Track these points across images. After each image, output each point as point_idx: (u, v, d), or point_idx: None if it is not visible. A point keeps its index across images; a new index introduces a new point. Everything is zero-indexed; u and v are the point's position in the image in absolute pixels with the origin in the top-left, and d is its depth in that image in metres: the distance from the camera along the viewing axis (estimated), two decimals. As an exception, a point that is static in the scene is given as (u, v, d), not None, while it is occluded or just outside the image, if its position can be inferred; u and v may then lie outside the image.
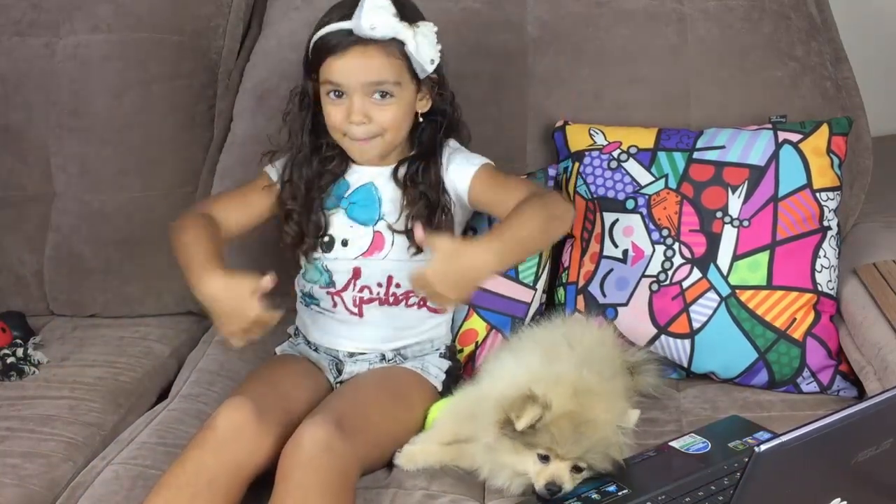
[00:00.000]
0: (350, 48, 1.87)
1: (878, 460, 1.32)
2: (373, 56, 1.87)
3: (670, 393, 2.05)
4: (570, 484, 1.67)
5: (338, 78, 1.88)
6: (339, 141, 1.95)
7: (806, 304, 2.05)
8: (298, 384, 1.92)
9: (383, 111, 1.90)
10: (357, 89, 1.88)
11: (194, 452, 1.72)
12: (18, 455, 1.94)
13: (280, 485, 1.67)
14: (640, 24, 2.28)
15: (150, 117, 2.39)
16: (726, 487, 1.66)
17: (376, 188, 1.99)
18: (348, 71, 1.88)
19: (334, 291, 1.99)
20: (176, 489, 1.69)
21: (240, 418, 1.74)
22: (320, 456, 1.67)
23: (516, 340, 1.98)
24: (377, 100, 1.89)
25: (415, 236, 1.86)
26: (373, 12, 1.85)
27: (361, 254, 1.98)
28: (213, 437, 1.73)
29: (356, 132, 1.91)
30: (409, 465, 1.82)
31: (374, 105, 1.89)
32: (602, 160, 2.16)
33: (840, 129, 2.13)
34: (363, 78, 1.88)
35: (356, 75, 1.88)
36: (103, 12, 2.43)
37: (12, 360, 2.22)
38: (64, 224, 2.41)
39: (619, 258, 2.11)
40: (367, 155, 1.95)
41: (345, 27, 1.87)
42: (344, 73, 1.88)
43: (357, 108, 1.88)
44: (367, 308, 1.99)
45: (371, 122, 1.90)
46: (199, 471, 1.69)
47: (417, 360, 2.00)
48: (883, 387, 1.88)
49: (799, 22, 2.28)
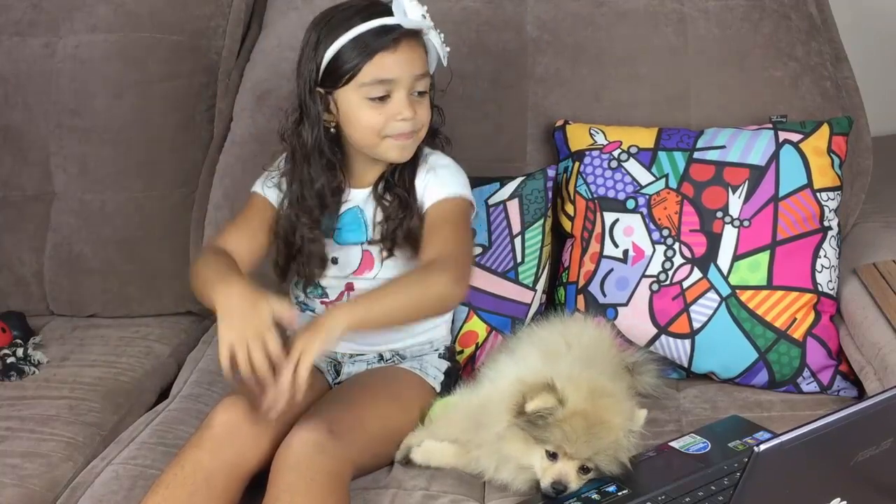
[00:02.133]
0: (402, 41, 1.85)
1: (878, 460, 1.32)
2: (417, 48, 1.88)
3: (670, 393, 2.05)
4: (575, 483, 1.67)
5: (390, 73, 1.85)
6: (372, 147, 1.91)
7: (806, 305, 2.05)
8: None
9: (422, 105, 1.90)
10: (406, 84, 1.86)
11: (191, 451, 1.72)
12: (18, 455, 1.95)
13: (272, 487, 1.67)
14: (640, 24, 2.28)
15: (150, 117, 2.39)
16: (726, 487, 1.66)
17: (361, 210, 1.97)
18: (402, 64, 1.85)
19: (328, 302, 1.99)
20: (174, 488, 1.69)
21: (235, 417, 1.74)
22: (311, 458, 1.67)
23: (515, 341, 1.98)
24: (415, 97, 1.89)
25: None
26: (415, 5, 1.86)
27: (352, 272, 1.97)
28: (210, 436, 1.73)
29: (403, 128, 1.88)
30: (424, 461, 1.81)
31: (414, 101, 1.88)
32: (602, 160, 2.16)
33: (841, 128, 2.13)
34: (415, 70, 1.87)
35: (409, 68, 1.86)
36: (103, 12, 2.43)
37: (12, 360, 2.22)
38: (64, 224, 2.41)
39: (619, 258, 2.11)
40: (407, 152, 1.93)
41: (390, 22, 1.85)
42: (397, 67, 1.85)
43: (406, 103, 1.86)
44: None
45: (416, 116, 1.88)
46: (196, 469, 1.70)
47: (416, 361, 1.99)
48: (883, 387, 1.88)
49: (799, 22, 2.28)
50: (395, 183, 1.94)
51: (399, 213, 1.93)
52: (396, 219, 1.93)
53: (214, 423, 1.74)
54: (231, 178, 2.29)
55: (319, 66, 1.88)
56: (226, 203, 2.29)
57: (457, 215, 1.94)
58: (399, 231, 1.93)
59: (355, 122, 1.89)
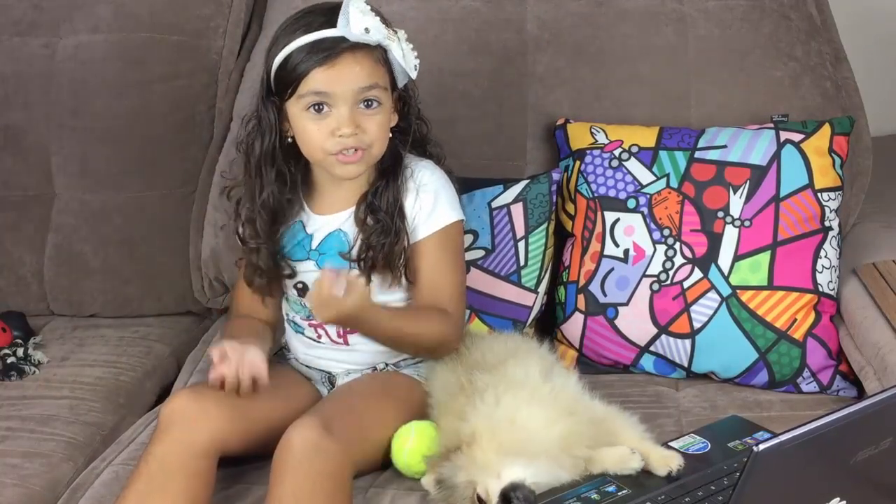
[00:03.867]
0: (342, 55, 1.80)
1: (878, 460, 1.32)
2: (363, 61, 1.82)
3: (669, 393, 2.05)
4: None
5: (326, 87, 1.81)
6: (319, 162, 1.87)
7: (807, 305, 2.05)
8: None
9: (371, 120, 1.83)
10: (347, 99, 1.81)
11: (148, 448, 1.75)
12: (19, 455, 1.95)
13: (273, 488, 1.67)
14: (640, 24, 2.28)
15: (150, 117, 2.39)
16: (726, 487, 1.66)
17: (345, 233, 1.92)
18: (340, 79, 1.80)
19: (316, 323, 1.95)
20: (135, 483, 1.72)
21: (180, 403, 1.77)
22: (310, 458, 1.67)
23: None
24: (363, 109, 1.83)
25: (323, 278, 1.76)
26: (362, 16, 1.81)
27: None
28: (159, 428, 1.76)
29: (345, 143, 1.82)
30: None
31: (362, 114, 1.82)
32: (603, 159, 2.15)
33: (842, 128, 2.13)
34: (355, 84, 1.81)
35: (348, 82, 1.81)
36: (103, 12, 2.43)
37: (12, 360, 2.22)
38: (64, 224, 2.41)
39: (619, 258, 2.11)
40: (352, 172, 1.87)
41: (330, 35, 1.81)
42: (334, 82, 1.80)
43: (347, 117, 1.81)
44: (352, 337, 1.94)
45: (361, 131, 1.82)
46: (151, 461, 1.72)
47: (411, 368, 1.97)
48: (882, 387, 1.88)
49: (799, 22, 2.28)
50: (379, 206, 1.89)
51: (381, 239, 1.88)
52: (378, 245, 1.88)
53: (161, 417, 1.77)
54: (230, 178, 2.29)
55: (270, 74, 1.86)
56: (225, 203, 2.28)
57: (453, 244, 1.94)
58: (379, 257, 1.89)
59: (301, 136, 1.86)
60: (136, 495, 1.70)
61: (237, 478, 1.84)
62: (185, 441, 1.72)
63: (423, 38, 2.10)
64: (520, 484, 1.62)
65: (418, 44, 1.89)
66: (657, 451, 1.70)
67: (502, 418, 1.68)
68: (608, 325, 2.10)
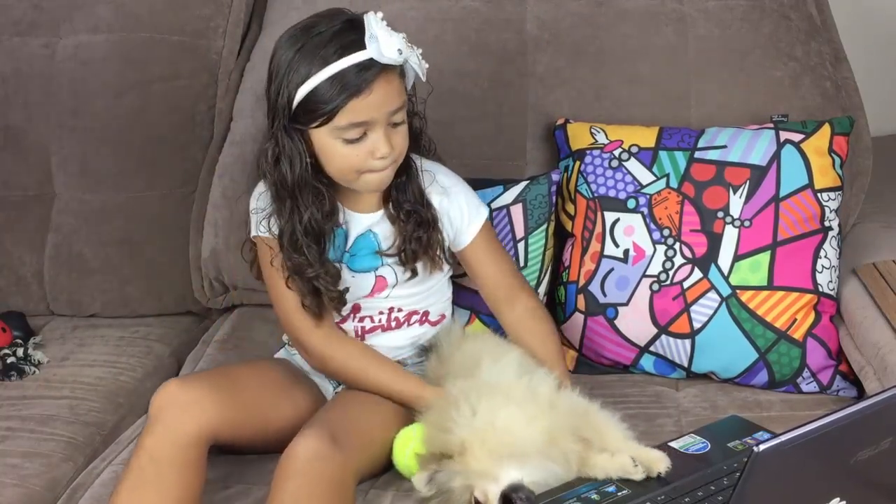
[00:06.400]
0: (376, 79, 1.75)
1: (878, 460, 1.32)
2: (393, 81, 1.78)
3: (669, 393, 2.05)
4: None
5: (365, 116, 1.76)
6: (351, 182, 1.85)
7: (806, 305, 2.05)
8: (256, 374, 1.91)
9: (399, 134, 1.82)
10: (382, 122, 1.78)
11: (139, 442, 1.75)
12: (19, 455, 1.95)
13: (275, 492, 1.67)
14: (639, 24, 2.28)
15: (150, 117, 2.39)
16: (726, 487, 1.66)
17: (375, 234, 1.92)
18: (376, 104, 1.76)
19: (336, 322, 1.95)
20: (127, 476, 1.72)
21: (167, 394, 1.76)
22: (313, 465, 1.67)
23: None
24: (392, 127, 1.81)
25: None
26: (390, 37, 1.76)
27: (364, 296, 1.93)
28: (149, 420, 1.76)
29: (383, 164, 1.81)
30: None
31: (392, 132, 1.81)
32: (603, 159, 2.15)
33: (842, 128, 2.13)
34: (390, 107, 1.78)
35: (384, 105, 1.77)
36: (103, 12, 2.43)
37: (12, 360, 2.22)
38: (64, 224, 2.41)
39: (619, 258, 2.11)
40: (385, 183, 1.86)
41: (361, 60, 1.75)
42: (372, 109, 1.76)
43: (384, 140, 1.78)
44: (369, 336, 1.96)
45: (393, 150, 1.81)
46: (142, 454, 1.72)
47: (416, 367, 1.98)
48: (882, 387, 1.88)
49: (799, 22, 2.28)
50: (406, 199, 1.89)
51: (419, 231, 1.89)
52: (417, 237, 1.89)
53: (151, 408, 1.77)
54: (230, 178, 2.29)
55: (292, 103, 1.79)
56: (225, 203, 2.29)
57: (492, 232, 2.02)
58: (419, 248, 1.89)
59: (331, 159, 1.82)
60: (129, 488, 1.71)
61: (237, 478, 1.84)
62: (174, 430, 1.72)
63: (423, 38, 2.09)
64: (520, 485, 1.62)
65: (418, 44, 1.88)
66: (643, 453, 1.70)
67: (484, 426, 1.69)
68: (608, 325, 2.10)
